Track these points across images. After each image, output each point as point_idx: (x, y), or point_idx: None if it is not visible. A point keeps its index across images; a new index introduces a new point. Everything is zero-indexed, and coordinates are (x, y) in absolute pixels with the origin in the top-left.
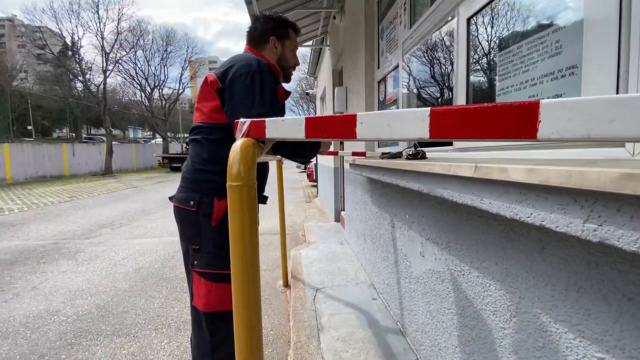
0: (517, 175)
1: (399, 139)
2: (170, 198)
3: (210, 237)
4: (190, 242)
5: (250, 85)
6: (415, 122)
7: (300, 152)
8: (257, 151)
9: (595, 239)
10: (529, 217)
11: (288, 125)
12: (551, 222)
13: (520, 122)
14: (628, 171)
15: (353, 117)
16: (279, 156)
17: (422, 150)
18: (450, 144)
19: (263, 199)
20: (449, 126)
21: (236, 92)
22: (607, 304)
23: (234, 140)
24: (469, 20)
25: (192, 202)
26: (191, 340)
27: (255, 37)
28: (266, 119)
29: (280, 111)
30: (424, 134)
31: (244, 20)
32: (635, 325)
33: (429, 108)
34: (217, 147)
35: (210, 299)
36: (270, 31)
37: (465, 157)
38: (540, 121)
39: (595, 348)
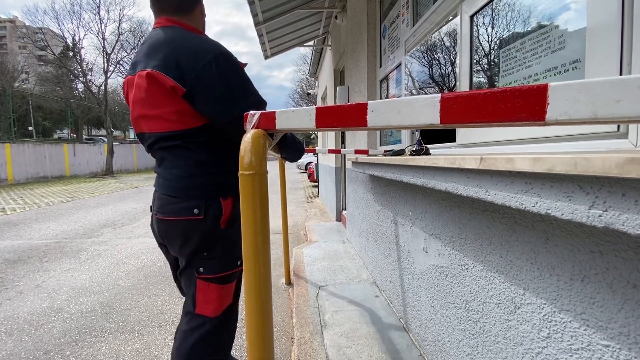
0: (523, 164)
1: (409, 125)
2: (156, 214)
3: (220, 240)
4: (197, 251)
5: (224, 77)
6: (426, 109)
7: (297, 150)
8: (268, 142)
9: (600, 225)
10: (534, 206)
11: (298, 116)
12: (556, 210)
13: (529, 105)
14: (632, 155)
15: (364, 106)
16: (278, 155)
17: (425, 147)
18: (454, 140)
19: None
20: (459, 112)
21: (213, 90)
22: (612, 291)
23: (224, 137)
24: (472, 17)
25: (196, 209)
26: (176, 349)
27: (185, 2)
28: (276, 111)
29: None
30: (435, 120)
31: (244, 21)
32: None
33: (439, 94)
34: (213, 147)
35: (222, 301)
36: None
37: (470, 152)
38: (548, 103)
39: (600, 335)
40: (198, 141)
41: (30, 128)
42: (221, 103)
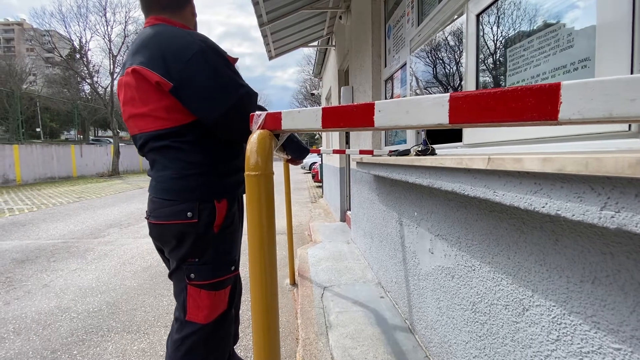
0: (532, 165)
1: (417, 125)
2: (148, 218)
3: (212, 245)
4: (188, 256)
5: (212, 70)
6: (435, 108)
7: (302, 149)
8: (273, 143)
9: (612, 226)
10: (544, 207)
11: (305, 116)
12: (567, 211)
13: (541, 104)
14: None
15: (371, 106)
16: (284, 156)
17: (431, 147)
18: (460, 140)
19: None
20: (469, 111)
21: (201, 84)
22: (624, 294)
23: (214, 134)
24: (478, 16)
25: (189, 213)
26: (168, 358)
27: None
28: (282, 111)
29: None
30: (444, 119)
31: (247, 22)
32: None
33: (448, 94)
34: (204, 146)
35: (215, 307)
36: None
37: (476, 152)
38: (561, 102)
39: (611, 339)
40: (189, 140)
41: (38, 129)
42: (210, 98)
